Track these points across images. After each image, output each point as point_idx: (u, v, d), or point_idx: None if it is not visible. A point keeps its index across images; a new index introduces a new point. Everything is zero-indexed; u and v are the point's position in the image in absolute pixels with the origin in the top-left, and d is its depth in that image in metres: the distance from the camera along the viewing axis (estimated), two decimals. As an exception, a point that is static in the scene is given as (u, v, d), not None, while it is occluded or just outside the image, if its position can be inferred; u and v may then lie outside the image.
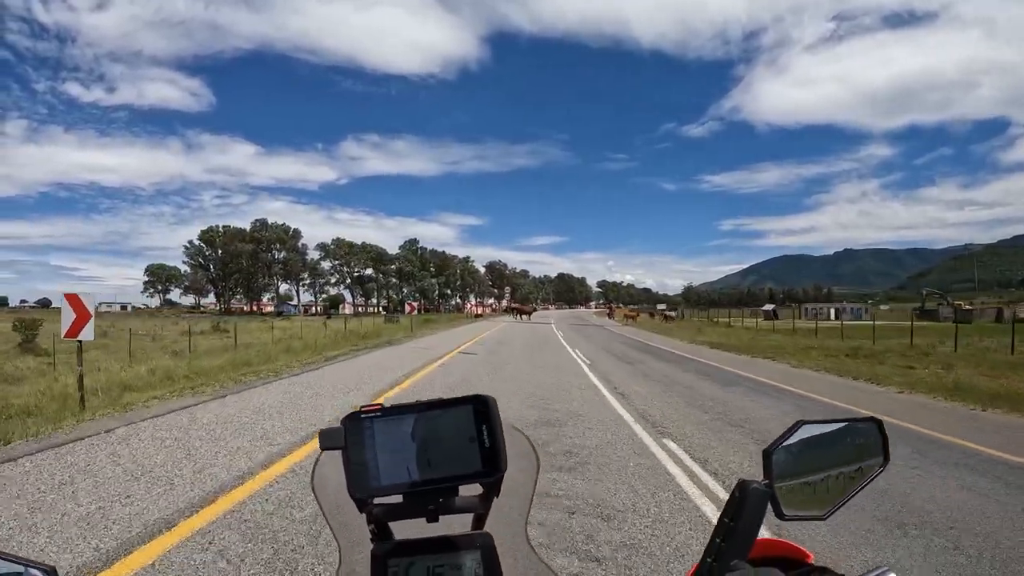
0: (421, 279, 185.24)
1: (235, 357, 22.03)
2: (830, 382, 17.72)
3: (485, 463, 1.05)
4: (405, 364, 19.45)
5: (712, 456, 8.38)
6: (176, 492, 6.33)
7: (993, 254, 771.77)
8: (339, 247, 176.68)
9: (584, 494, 6.51)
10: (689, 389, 15.46)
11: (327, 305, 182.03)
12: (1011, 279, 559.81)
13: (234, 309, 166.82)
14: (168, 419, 10.25)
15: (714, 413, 11.94)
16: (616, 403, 12.97)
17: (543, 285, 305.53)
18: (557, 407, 12.05)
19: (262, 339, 39.24)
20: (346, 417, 1.07)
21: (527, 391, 14.07)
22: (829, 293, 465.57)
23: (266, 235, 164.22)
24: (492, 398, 1.07)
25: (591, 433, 9.71)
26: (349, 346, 27.13)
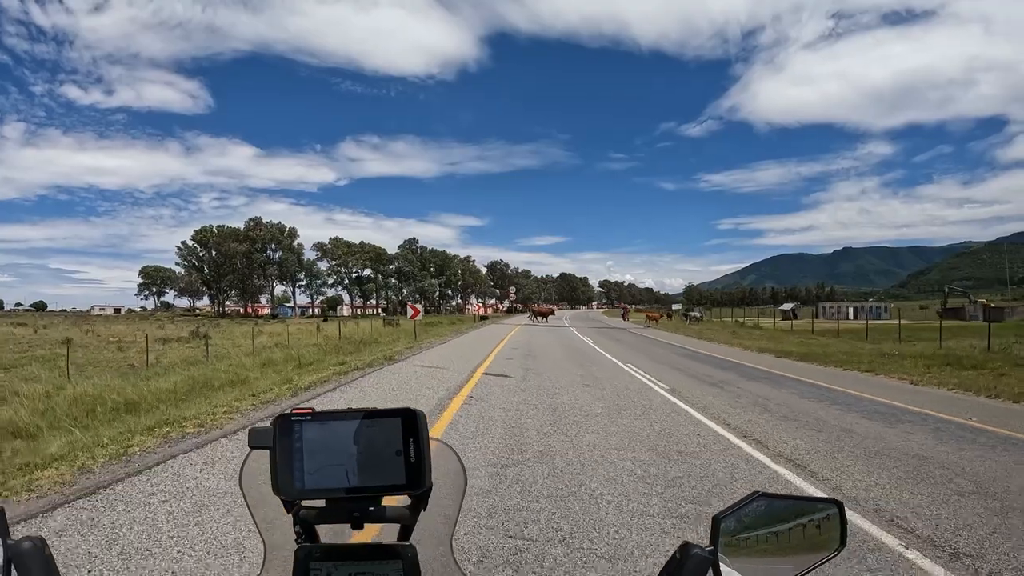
0: (421, 279, 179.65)
1: (195, 375, 17.81)
2: (1006, 410, 13.32)
3: (409, 477, 1.08)
4: (416, 400, 13.29)
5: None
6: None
7: (994, 251, 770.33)
8: (336, 247, 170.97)
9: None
10: (848, 433, 10.59)
11: (325, 307, 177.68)
12: (1012, 276, 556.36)
13: (230, 311, 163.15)
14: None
15: (952, 487, 7.25)
16: (794, 477, 7.72)
17: (545, 285, 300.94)
18: (717, 503, 6.54)
19: (242, 347, 34.84)
20: (276, 417, 1.10)
21: (642, 465, 8.43)
22: (831, 292, 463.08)
23: (260, 234, 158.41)
24: (422, 412, 1.10)
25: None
26: (335, 363, 21.29)
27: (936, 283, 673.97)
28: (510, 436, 9.54)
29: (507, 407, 12.20)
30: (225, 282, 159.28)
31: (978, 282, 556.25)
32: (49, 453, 8.05)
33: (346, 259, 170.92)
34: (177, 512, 5.89)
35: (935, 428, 11.01)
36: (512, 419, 10.97)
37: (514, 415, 11.35)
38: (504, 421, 10.74)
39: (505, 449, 8.68)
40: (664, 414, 11.93)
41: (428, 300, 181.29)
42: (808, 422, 11.46)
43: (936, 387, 16.92)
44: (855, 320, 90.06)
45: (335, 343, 37.00)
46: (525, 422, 10.71)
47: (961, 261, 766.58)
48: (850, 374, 20.51)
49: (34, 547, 1.00)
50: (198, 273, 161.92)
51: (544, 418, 11.16)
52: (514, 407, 12.26)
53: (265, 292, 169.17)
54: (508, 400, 13.10)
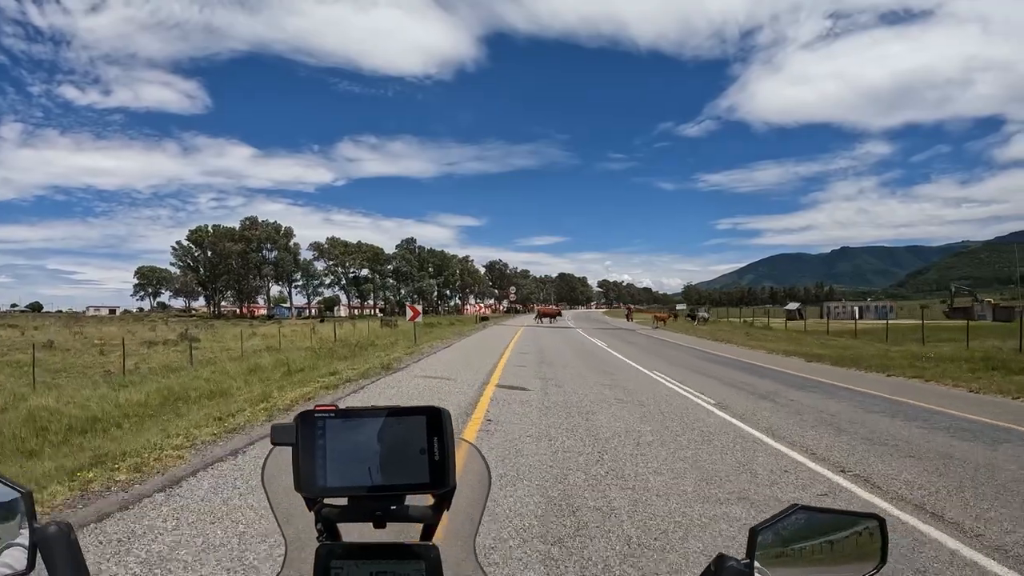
0: (419, 279, 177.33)
1: (172, 385, 16.37)
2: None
3: (433, 475, 1.07)
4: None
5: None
6: None
7: (992, 251, 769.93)
8: (333, 246, 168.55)
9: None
10: (950, 459, 8.79)
11: (322, 307, 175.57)
12: (1010, 276, 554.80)
13: (226, 312, 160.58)
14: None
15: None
16: (941, 534, 5.67)
17: (544, 285, 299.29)
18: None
19: (231, 351, 32.89)
20: (299, 414, 1.10)
21: (744, 528, 6.39)
22: (830, 291, 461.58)
23: (256, 234, 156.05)
24: (446, 410, 1.10)
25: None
26: (326, 373, 18.58)
27: (934, 283, 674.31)
28: (550, 482, 7.26)
29: (536, 434, 9.91)
30: (221, 282, 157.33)
31: (977, 281, 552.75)
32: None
33: (343, 259, 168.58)
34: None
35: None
36: (546, 453, 8.68)
37: (547, 447, 9.04)
38: (537, 457, 8.45)
39: (549, 507, 6.38)
40: (729, 440, 9.72)
41: (426, 300, 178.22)
42: (898, 446, 9.58)
43: (999, 395, 15.41)
44: (861, 320, 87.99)
45: (329, 346, 34.95)
46: (564, 458, 8.42)
47: (959, 261, 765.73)
48: (896, 381, 18.68)
49: (60, 531, 1.00)
50: (193, 273, 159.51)
51: (586, 450, 8.88)
52: (544, 433, 9.99)
53: (261, 293, 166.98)
54: (535, 424, 10.78)
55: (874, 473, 7.91)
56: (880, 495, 6.94)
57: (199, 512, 6.02)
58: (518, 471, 7.70)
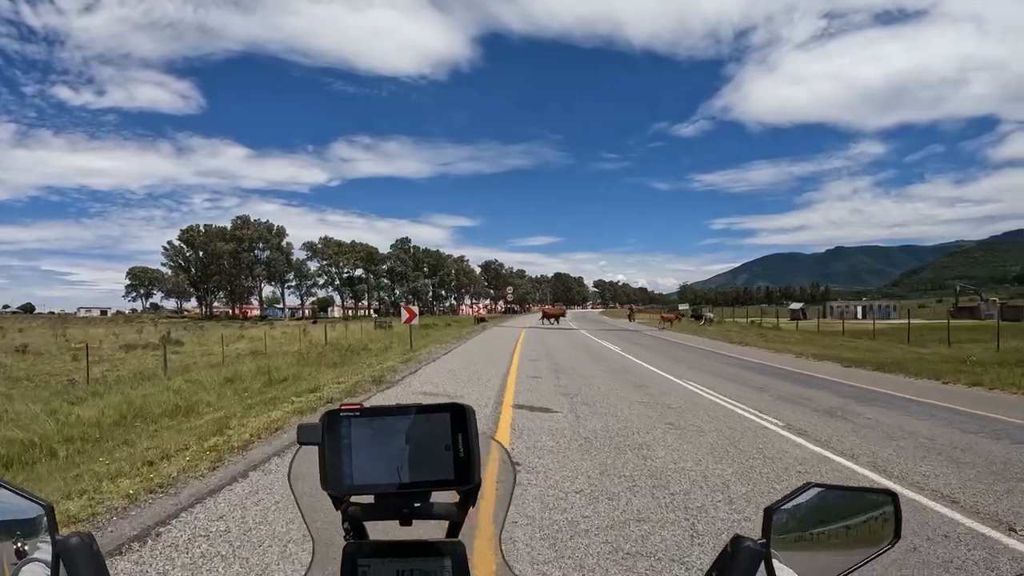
0: (414, 280, 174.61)
1: (136, 398, 14.20)
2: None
3: (458, 472, 1.07)
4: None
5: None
6: None
7: (987, 250, 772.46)
8: (327, 246, 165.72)
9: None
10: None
11: (316, 308, 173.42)
12: (1006, 275, 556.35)
13: (218, 313, 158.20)
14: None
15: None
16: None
17: (540, 285, 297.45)
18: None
19: (214, 356, 31.29)
20: (325, 413, 1.10)
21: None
22: (826, 291, 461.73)
23: (248, 233, 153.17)
24: (470, 407, 1.10)
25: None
26: (307, 390, 15.30)
27: (929, 282, 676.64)
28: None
29: (587, 488, 7.04)
30: (212, 283, 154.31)
31: (971, 281, 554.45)
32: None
33: (337, 259, 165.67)
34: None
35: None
36: (611, 525, 5.86)
37: (609, 513, 6.20)
38: (603, 538, 5.56)
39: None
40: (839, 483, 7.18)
41: (421, 301, 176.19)
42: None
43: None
44: (864, 320, 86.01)
45: (319, 351, 32.68)
46: (642, 537, 5.58)
47: (954, 260, 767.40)
48: (958, 390, 16.62)
49: (82, 543, 1.00)
50: (185, 274, 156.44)
51: (667, 517, 6.11)
52: (598, 486, 7.12)
53: (254, 293, 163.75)
54: (577, 467, 7.95)
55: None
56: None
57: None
58: (571, 553, 5.11)
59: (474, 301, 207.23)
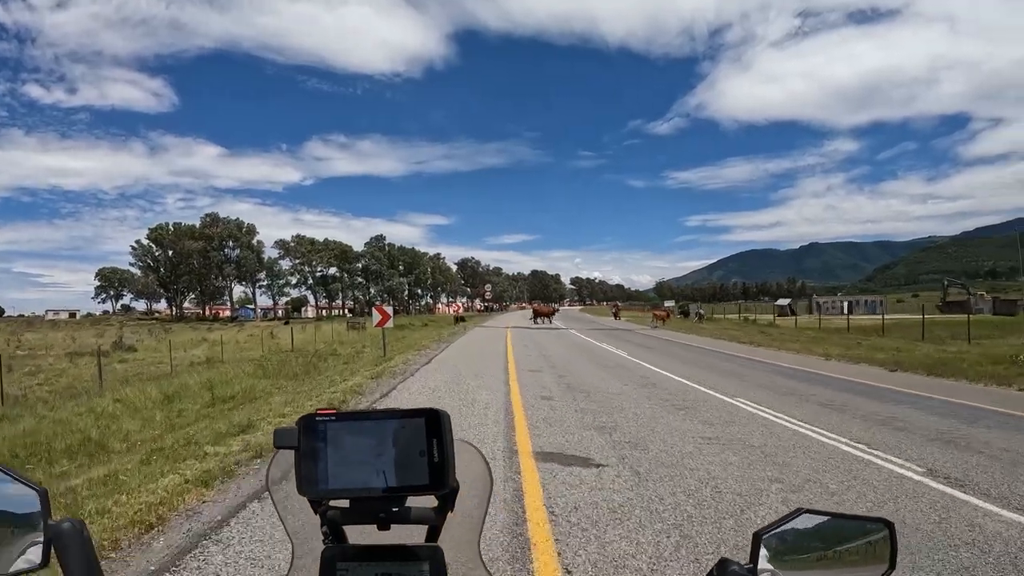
0: (389, 278, 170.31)
1: (40, 429, 12.37)
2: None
3: (433, 477, 1.07)
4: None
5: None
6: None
7: (959, 246, 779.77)
8: (299, 244, 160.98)
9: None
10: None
11: (289, 309, 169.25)
12: (978, 270, 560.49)
13: (189, 314, 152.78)
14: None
15: None
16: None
17: (517, 283, 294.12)
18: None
19: (160, 366, 28.57)
20: (301, 418, 1.11)
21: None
22: (803, 287, 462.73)
23: (217, 231, 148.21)
24: (445, 413, 1.10)
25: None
26: (236, 432, 10.28)
27: (903, 277, 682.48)
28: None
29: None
30: (182, 283, 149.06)
31: (944, 275, 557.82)
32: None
33: (310, 257, 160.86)
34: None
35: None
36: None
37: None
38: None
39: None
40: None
41: (397, 300, 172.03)
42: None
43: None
44: (853, 315, 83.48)
45: (282, 357, 29.22)
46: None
47: (927, 255, 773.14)
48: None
49: (73, 528, 1.03)
50: (154, 274, 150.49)
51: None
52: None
53: (225, 293, 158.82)
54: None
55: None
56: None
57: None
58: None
59: (451, 300, 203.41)
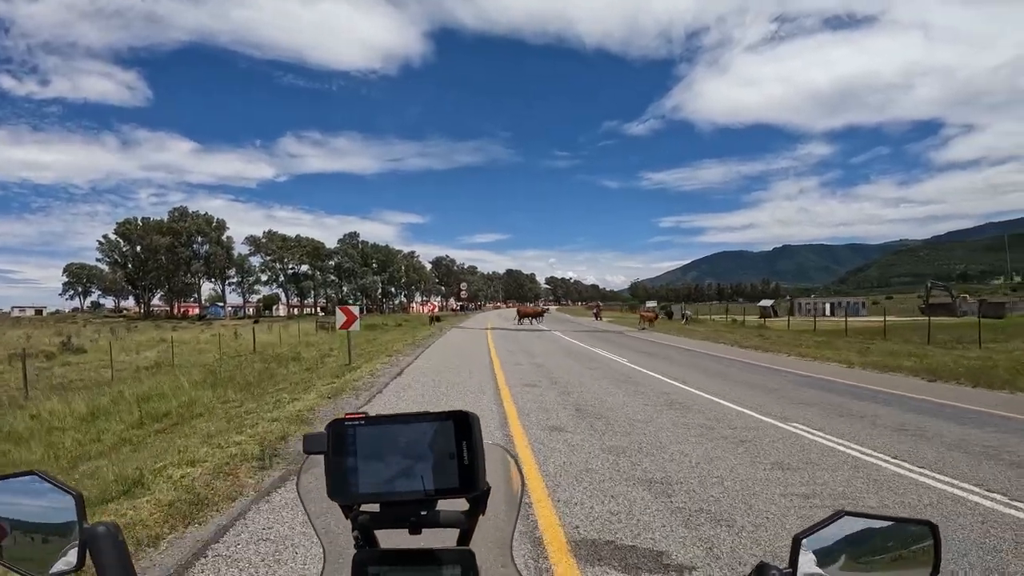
0: (363, 276, 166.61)
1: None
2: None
3: (463, 479, 1.06)
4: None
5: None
6: None
7: (931, 249, 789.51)
8: (271, 240, 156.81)
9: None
10: None
11: (260, 306, 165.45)
12: (949, 273, 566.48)
13: (157, 312, 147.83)
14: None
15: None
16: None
17: (492, 282, 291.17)
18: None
19: (103, 372, 26.19)
20: (331, 423, 1.10)
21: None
22: (776, 288, 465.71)
23: (186, 226, 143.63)
24: (475, 415, 1.09)
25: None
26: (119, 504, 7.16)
27: (875, 279, 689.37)
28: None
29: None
30: (150, 279, 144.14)
31: (916, 278, 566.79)
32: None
33: (281, 254, 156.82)
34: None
35: None
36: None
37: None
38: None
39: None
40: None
41: (370, 298, 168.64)
42: None
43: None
44: (834, 317, 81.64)
45: (239, 361, 26.27)
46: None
47: (899, 259, 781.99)
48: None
49: (108, 531, 1.04)
50: (122, 270, 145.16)
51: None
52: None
53: (194, 290, 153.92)
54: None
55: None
56: None
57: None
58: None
59: (425, 299, 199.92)
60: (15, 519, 1.08)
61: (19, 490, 1.10)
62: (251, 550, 5.23)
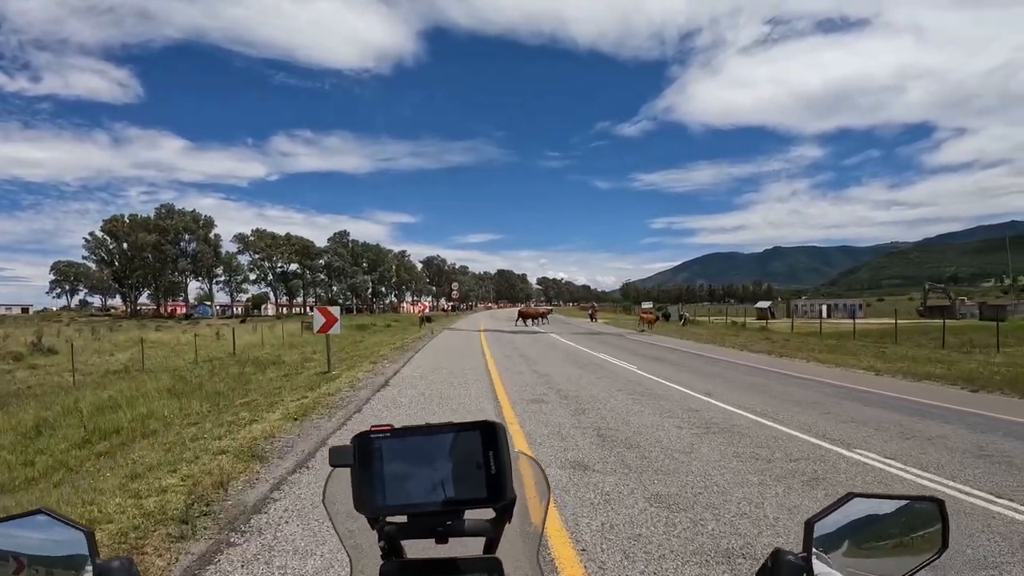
0: (353, 275, 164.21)
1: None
2: None
3: (490, 489, 1.06)
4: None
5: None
6: None
7: (921, 251, 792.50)
8: (260, 239, 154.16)
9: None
10: None
11: (248, 306, 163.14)
12: (940, 276, 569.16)
13: (144, 311, 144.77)
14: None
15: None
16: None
17: (483, 282, 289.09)
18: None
19: (75, 375, 24.02)
20: (356, 435, 1.10)
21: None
22: (768, 289, 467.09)
23: (172, 224, 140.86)
24: (501, 424, 1.09)
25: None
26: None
27: (866, 281, 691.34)
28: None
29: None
30: (136, 277, 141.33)
31: (907, 280, 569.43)
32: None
33: (270, 253, 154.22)
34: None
35: None
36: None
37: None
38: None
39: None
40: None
41: (360, 298, 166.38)
42: None
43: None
44: (831, 319, 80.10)
45: (214, 365, 24.33)
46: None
47: (890, 261, 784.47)
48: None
49: (122, 566, 1.05)
50: (109, 268, 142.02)
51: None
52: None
53: (181, 289, 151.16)
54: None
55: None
56: None
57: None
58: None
59: (416, 299, 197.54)
60: (29, 554, 1.05)
61: (29, 527, 1.07)
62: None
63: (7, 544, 1.04)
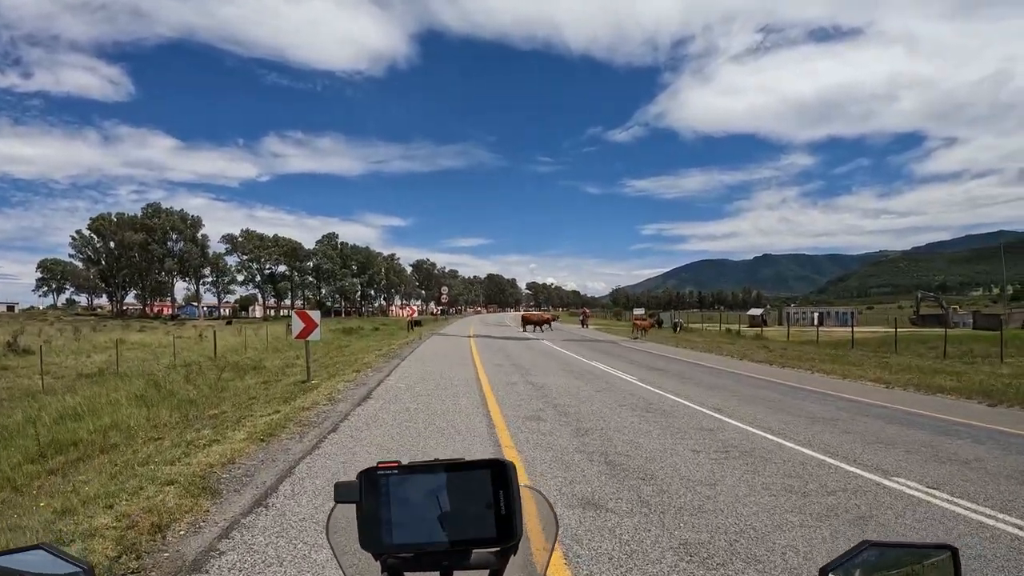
0: (341, 278, 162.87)
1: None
2: None
3: (500, 530, 1.05)
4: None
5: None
6: None
7: (910, 260, 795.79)
8: (248, 240, 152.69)
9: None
10: None
11: (236, 307, 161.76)
12: (928, 284, 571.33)
13: (131, 311, 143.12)
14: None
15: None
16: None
17: (473, 286, 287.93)
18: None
19: (43, 378, 22.62)
20: (363, 472, 1.09)
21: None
22: (758, 297, 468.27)
23: (159, 223, 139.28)
24: (511, 463, 1.08)
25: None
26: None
27: (855, 289, 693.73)
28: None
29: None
30: (123, 277, 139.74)
31: (896, 289, 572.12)
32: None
33: (258, 254, 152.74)
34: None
35: None
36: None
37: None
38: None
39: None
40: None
41: (349, 301, 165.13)
42: None
43: None
44: (824, 327, 79.39)
45: (190, 371, 23.19)
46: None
47: (879, 269, 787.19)
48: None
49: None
50: (95, 267, 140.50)
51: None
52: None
53: (168, 289, 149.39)
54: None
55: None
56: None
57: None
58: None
59: (405, 302, 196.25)
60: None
61: (30, 563, 1.06)
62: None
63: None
